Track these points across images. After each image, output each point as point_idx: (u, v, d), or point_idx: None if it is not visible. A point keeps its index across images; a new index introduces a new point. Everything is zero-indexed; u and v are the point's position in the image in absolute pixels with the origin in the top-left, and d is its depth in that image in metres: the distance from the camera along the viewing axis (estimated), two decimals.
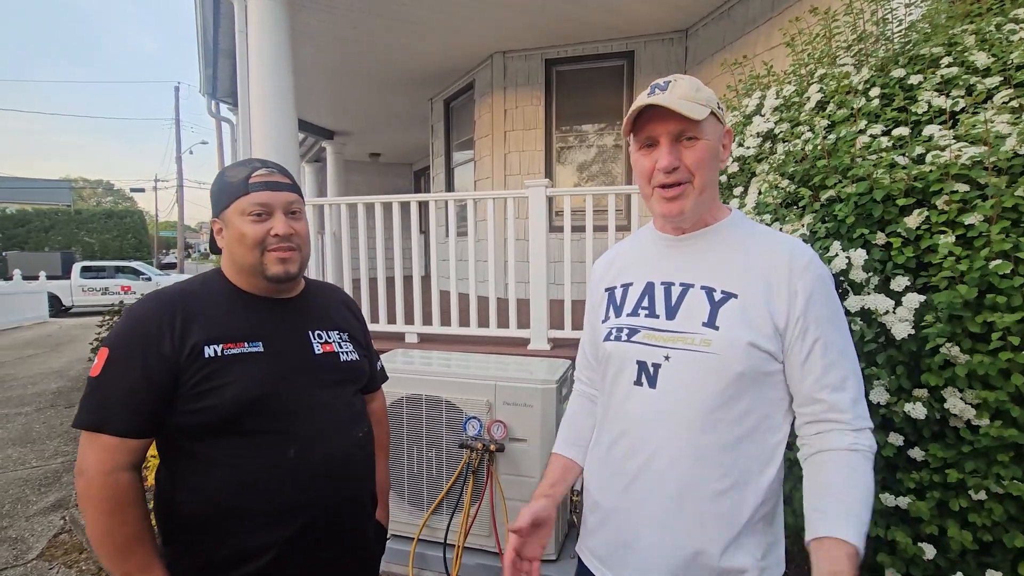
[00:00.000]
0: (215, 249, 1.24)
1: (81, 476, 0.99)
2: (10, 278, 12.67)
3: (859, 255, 1.29)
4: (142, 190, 35.79)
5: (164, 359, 1.02)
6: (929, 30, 1.79)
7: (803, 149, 1.67)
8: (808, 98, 1.86)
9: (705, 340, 0.96)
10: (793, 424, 1.02)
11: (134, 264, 16.46)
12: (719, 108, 1.02)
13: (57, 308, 14.34)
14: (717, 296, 0.98)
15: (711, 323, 0.97)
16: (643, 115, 1.00)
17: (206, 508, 1.05)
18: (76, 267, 15.16)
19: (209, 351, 1.05)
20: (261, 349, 1.11)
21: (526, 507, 1.12)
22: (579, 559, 1.17)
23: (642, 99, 0.99)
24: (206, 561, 1.06)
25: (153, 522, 1.08)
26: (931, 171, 1.30)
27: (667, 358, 0.99)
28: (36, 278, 13.68)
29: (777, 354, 0.96)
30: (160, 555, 1.05)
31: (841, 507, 0.89)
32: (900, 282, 1.26)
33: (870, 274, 1.34)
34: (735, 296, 0.97)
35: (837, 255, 1.34)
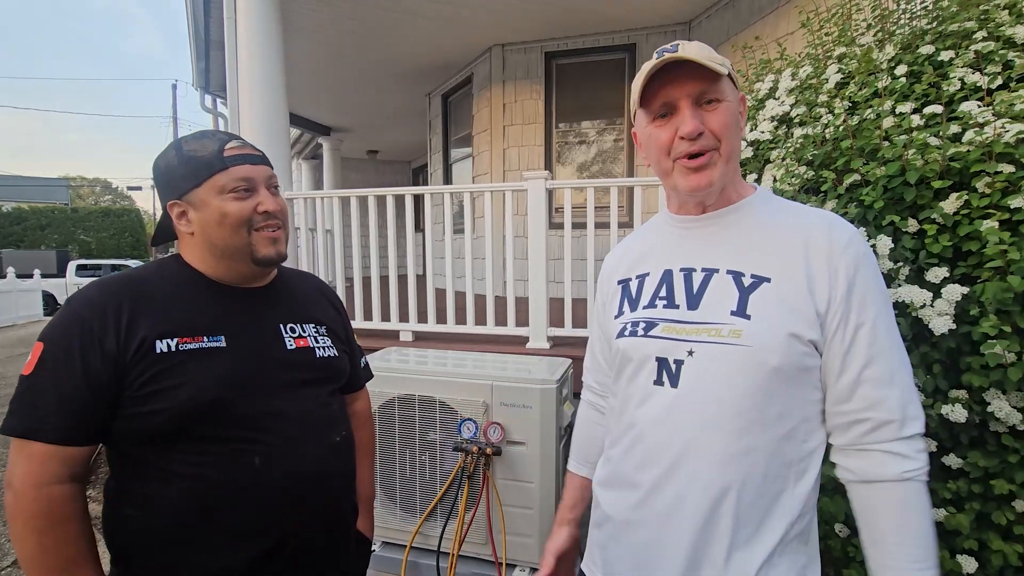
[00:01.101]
0: (166, 237, 1.10)
1: (9, 489, 0.86)
2: (3, 276, 12.54)
3: (884, 243, 1.16)
4: (139, 188, 35.67)
5: (106, 356, 0.89)
6: (956, 7, 1.67)
7: (823, 132, 1.55)
8: (826, 79, 1.74)
9: (735, 331, 0.84)
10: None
11: (130, 263, 16.35)
12: (732, 71, 0.91)
13: (52, 306, 14.24)
14: (747, 281, 0.86)
15: (741, 311, 0.85)
16: (654, 82, 0.88)
17: (159, 525, 0.93)
18: (71, 265, 15.08)
19: (161, 346, 0.92)
20: (223, 344, 0.98)
21: (550, 543, 1.15)
22: (581, 572, 1.06)
23: (653, 62, 0.86)
24: None
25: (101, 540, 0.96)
26: (970, 151, 1.18)
27: (691, 353, 0.87)
28: (31, 276, 13.56)
29: (818, 344, 0.84)
30: None
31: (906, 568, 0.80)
32: (938, 273, 1.14)
33: (899, 264, 1.21)
34: (767, 280, 0.85)
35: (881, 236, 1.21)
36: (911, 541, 0.80)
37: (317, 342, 1.12)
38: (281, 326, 1.09)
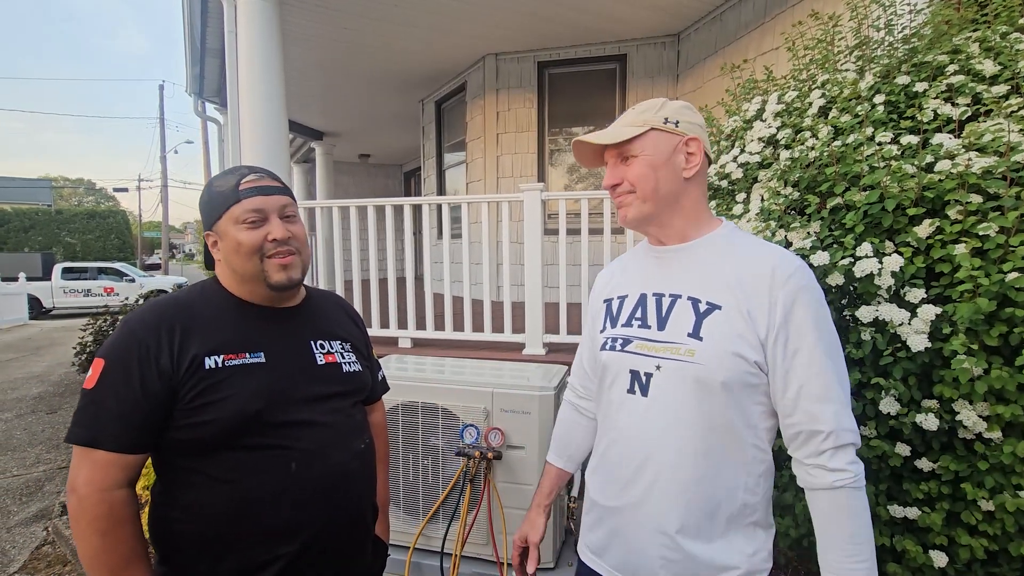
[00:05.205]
0: (210, 264, 1.19)
1: (73, 494, 0.94)
2: None
3: (894, 260, 1.26)
4: (125, 190, 35.20)
5: (162, 372, 0.98)
6: (931, 36, 1.78)
7: (808, 155, 1.65)
8: (810, 103, 1.85)
9: (689, 350, 0.99)
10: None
11: (117, 265, 16.13)
12: (666, 123, 1.06)
13: (37, 310, 14.03)
14: (702, 307, 1.01)
15: (695, 334, 1.00)
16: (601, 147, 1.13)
17: (203, 527, 1.01)
18: (57, 268, 14.82)
19: (210, 362, 1.01)
20: (263, 360, 1.07)
21: (532, 532, 1.29)
22: (578, 558, 1.21)
23: (577, 139, 1.12)
24: None
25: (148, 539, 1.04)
26: (943, 180, 1.29)
27: (658, 368, 1.02)
28: (15, 279, 13.37)
29: (763, 365, 0.98)
30: (155, 574, 1.01)
31: (840, 564, 0.94)
32: (916, 294, 1.24)
33: (893, 282, 1.31)
34: (719, 307, 1.00)
35: (865, 257, 1.31)
36: (844, 540, 0.94)
37: (343, 358, 1.21)
38: (312, 343, 1.18)
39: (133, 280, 15.49)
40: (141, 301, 7.91)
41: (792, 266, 0.99)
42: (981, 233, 1.19)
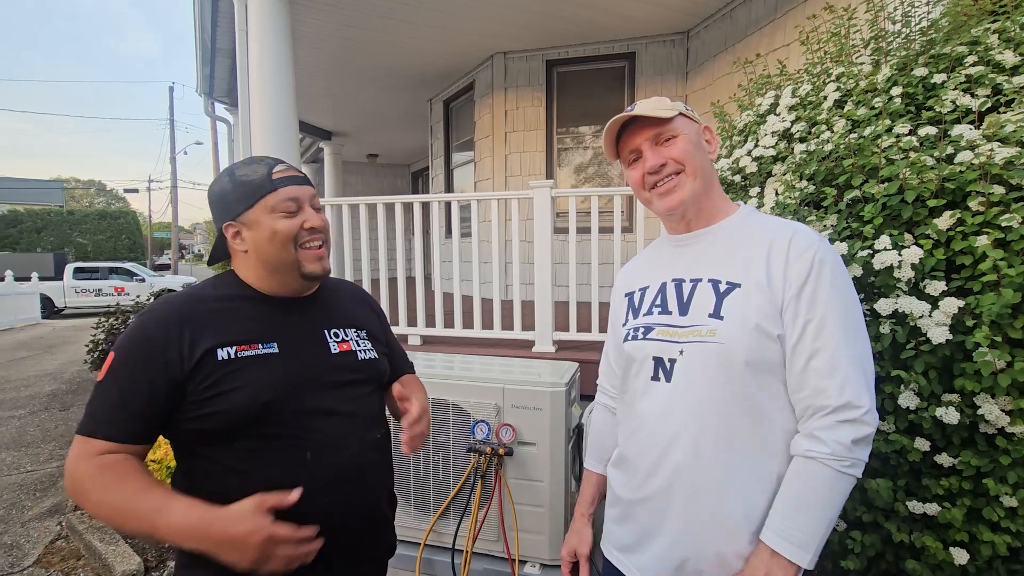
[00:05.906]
0: (221, 256, 1.18)
1: (67, 473, 0.95)
2: (1, 279, 12.50)
3: (915, 252, 1.24)
4: (136, 191, 35.54)
5: (169, 365, 0.98)
6: (948, 28, 1.76)
7: (824, 148, 1.64)
8: (825, 96, 1.84)
9: (711, 331, 0.98)
10: None
11: (128, 265, 16.30)
12: (688, 110, 1.09)
13: (50, 310, 14.18)
14: (723, 287, 1.00)
15: (716, 314, 0.99)
16: (621, 136, 1.11)
17: None
18: (69, 268, 14.98)
19: (222, 354, 1.01)
20: (276, 350, 1.07)
21: (580, 544, 1.25)
22: (602, 556, 1.19)
23: (615, 119, 1.09)
24: (221, 571, 1.01)
25: None
26: (964, 172, 1.27)
27: (682, 352, 1.01)
28: (28, 279, 13.52)
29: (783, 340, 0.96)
30: (176, 564, 1.01)
31: (785, 517, 0.91)
32: (936, 286, 1.23)
33: (913, 274, 1.29)
34: (739, 286, 0.99)
35: (884, 249, 1.30)
36: (789, 511, 0.90)
37: (359, 345, 1.21)
38: (326, 332, 1.18)
39: (143, 280, 15.65)
40: (152, 299, 7.98)
41: (809, 239, 0.97)
42: (1004, 224, 1.17)
